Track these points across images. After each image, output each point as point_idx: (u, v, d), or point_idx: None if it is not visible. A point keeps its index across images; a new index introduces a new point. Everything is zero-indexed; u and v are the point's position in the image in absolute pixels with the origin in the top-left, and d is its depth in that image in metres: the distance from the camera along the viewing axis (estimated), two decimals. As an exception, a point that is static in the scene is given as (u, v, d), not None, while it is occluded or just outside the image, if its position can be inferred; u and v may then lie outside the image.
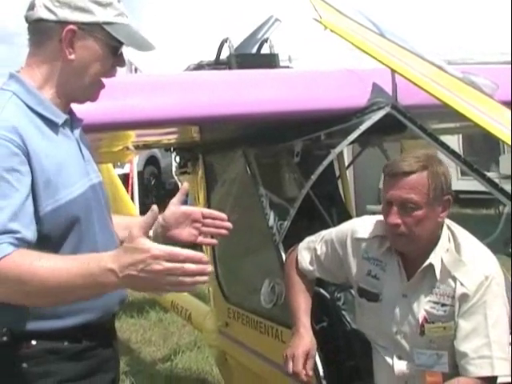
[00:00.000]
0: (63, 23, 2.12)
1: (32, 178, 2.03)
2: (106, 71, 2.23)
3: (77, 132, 2.26)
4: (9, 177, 1.97)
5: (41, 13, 2.12)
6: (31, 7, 2.15)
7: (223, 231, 2.51)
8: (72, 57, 2.15)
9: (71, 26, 2.12)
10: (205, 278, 1.86)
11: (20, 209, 1.98)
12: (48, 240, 2.08)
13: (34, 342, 2.13)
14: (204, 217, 2.49)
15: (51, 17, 2.12)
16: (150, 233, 2.19)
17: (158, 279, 1.83)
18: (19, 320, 2.10)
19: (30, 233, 2.01)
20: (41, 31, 2.16)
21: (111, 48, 2.19)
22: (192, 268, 1.83)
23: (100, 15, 2.14)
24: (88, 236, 2.17)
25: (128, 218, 2.62)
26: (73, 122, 2.27)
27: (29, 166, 2.02)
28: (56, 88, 2.18)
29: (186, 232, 2.51)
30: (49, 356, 2.14)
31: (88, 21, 2.13)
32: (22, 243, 1.97)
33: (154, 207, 1.93)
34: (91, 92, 2.26)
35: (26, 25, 2.19)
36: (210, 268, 1.87)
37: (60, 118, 2.17)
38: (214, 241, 2.61)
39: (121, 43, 2.20)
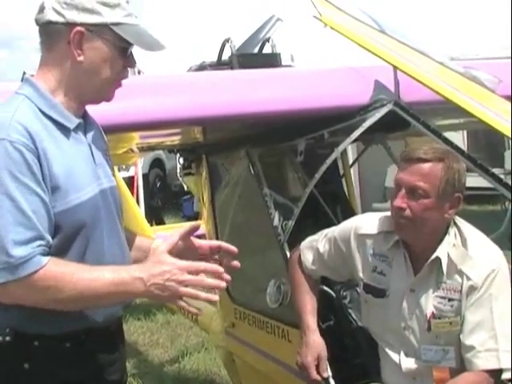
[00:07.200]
0: (71, 25, 2.12)
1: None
2: (117, 72, 2.22)
3: (90, 136, 2.26)
4: (26, 180, 1.99)
5: (50, 15, 2.13)
6: (41, 10, 2.16)
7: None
8: (81, 58, 2.15)
9: (79, 28, 2.12)
10: (216, 297, 2.17)
11: (41, 213, 2.01)
12: (54, 242, 2.07)
13: (36, 343, 2.13)
14: (212, 250, 2.41)
15: (59, 19, 2.13)
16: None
17: (180, 289, 2.04)
18: (23, 321, 2.11)
19: (50, 236, 2.05)
20: (50, 34, 2.17)
21: (120, 49, 2.19)
22: (209, 282, 2.11)
23: (107, 16, 2.14)
24: (94, 243, 2.16)
25: (138, 239, 2.54)
26: (86, 125, 2.26)
27: (40, 169, 2.03)
28: (68, 91, 2.18)
29: None
30: (50, 358, 2.14)
31: (95, 22, 2.14)
32: (48, 249, 2.03)
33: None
34: (105, 93, 2.25)
35: (37, 27, 2.19)
36: (223, 284, 2.14)
37: (72, 122, 2.18)
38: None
39: (129, 44, 2.19)
